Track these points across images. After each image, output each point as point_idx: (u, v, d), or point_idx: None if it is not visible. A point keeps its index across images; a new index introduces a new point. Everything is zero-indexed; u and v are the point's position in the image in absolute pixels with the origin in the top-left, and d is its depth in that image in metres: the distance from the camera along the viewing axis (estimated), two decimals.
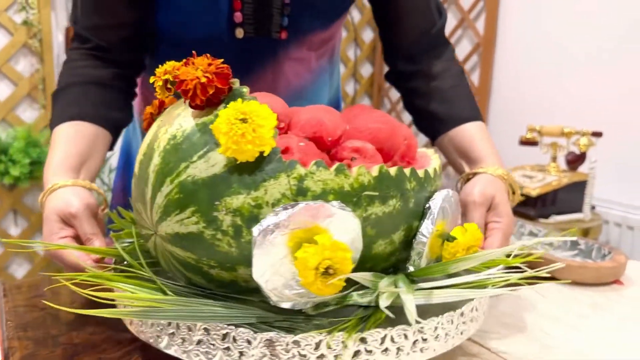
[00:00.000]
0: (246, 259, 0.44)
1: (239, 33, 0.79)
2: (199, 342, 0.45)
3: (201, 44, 0.80)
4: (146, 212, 0.49)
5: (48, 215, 0.64)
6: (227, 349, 0.44)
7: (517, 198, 0.79)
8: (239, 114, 0.43)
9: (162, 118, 0.52)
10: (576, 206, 1.54)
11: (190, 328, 0.45)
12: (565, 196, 1.52)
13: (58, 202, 0.64)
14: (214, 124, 0.44)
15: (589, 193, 1.53)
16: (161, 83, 0.50)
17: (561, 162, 1.64)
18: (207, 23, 0.78)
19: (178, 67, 0.49)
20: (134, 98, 0.84)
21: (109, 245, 0.61)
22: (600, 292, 0.77)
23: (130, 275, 0.52)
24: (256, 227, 0.43)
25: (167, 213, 0.47)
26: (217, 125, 0.43)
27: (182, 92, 0.47)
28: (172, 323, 0.46)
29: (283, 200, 0.44)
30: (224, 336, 0.44)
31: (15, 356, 0.55)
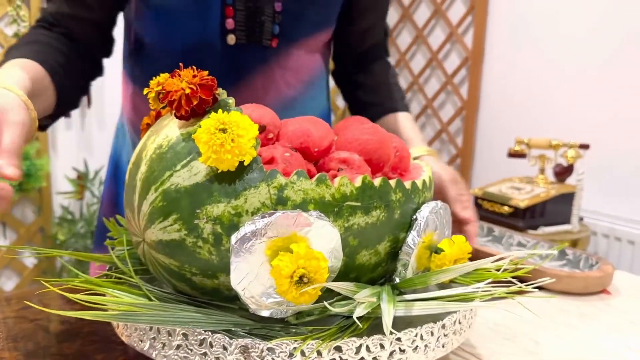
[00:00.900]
0: (227, 267, 0.45)
1: (231, 40, 0.81)
2: (178, 347, 0.46)
3: (192, 51, 0.82)
4: (134, 220, 0.50)
5: None
6: (204, 355, 0.45)
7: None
8: (219, 124, 0.44)
9: (152, 128, 0.53)
10: (564, 217, 1.56)
11: (170, 333, 0.46)
12: (553, 208, 1.54)
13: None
14: (196, 134, 0.44)
15: (577, 204, 1.54)
16: (154, 94, 0.51)
17: (549, 174, 1.66)
18: (199, 30, 0.79)
19: (166, 79, 0.50)
20: (90, 83, 0.84)
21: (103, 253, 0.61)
22: (587, 302, 0.78)
23: (120, 281, 0.52)
24: (234, 235, 0.44)
25: (152, 220, 0.47)
26: (198, 134, 0.44)
27: (168, 103, 0.47)
28: (154, 328, 0.47)
29: (263, 209, 0.45)
30: (201, 342, 0.45)
31: None
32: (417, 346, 0.47)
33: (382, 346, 0.45)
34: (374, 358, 0.45)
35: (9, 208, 2.19)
